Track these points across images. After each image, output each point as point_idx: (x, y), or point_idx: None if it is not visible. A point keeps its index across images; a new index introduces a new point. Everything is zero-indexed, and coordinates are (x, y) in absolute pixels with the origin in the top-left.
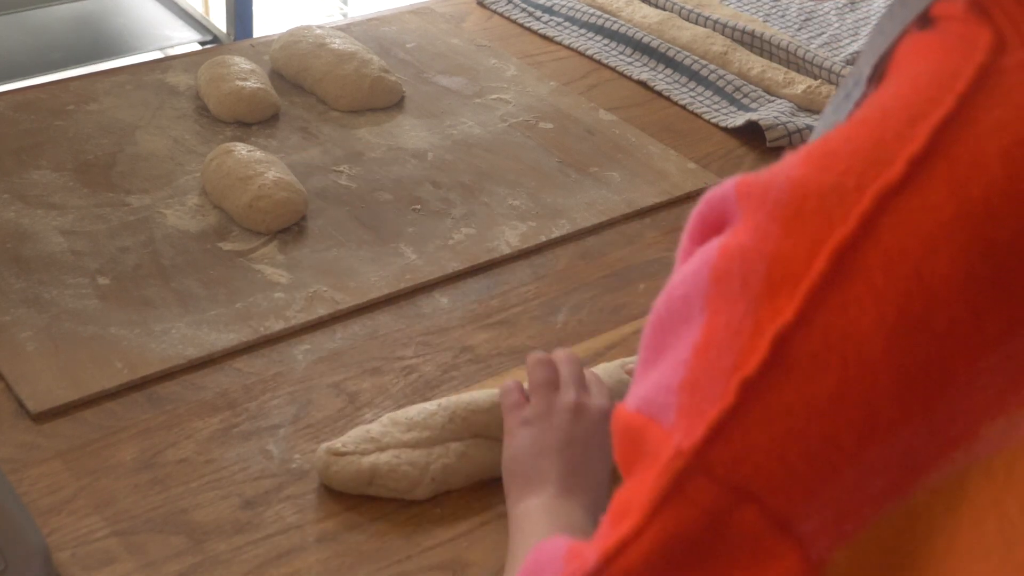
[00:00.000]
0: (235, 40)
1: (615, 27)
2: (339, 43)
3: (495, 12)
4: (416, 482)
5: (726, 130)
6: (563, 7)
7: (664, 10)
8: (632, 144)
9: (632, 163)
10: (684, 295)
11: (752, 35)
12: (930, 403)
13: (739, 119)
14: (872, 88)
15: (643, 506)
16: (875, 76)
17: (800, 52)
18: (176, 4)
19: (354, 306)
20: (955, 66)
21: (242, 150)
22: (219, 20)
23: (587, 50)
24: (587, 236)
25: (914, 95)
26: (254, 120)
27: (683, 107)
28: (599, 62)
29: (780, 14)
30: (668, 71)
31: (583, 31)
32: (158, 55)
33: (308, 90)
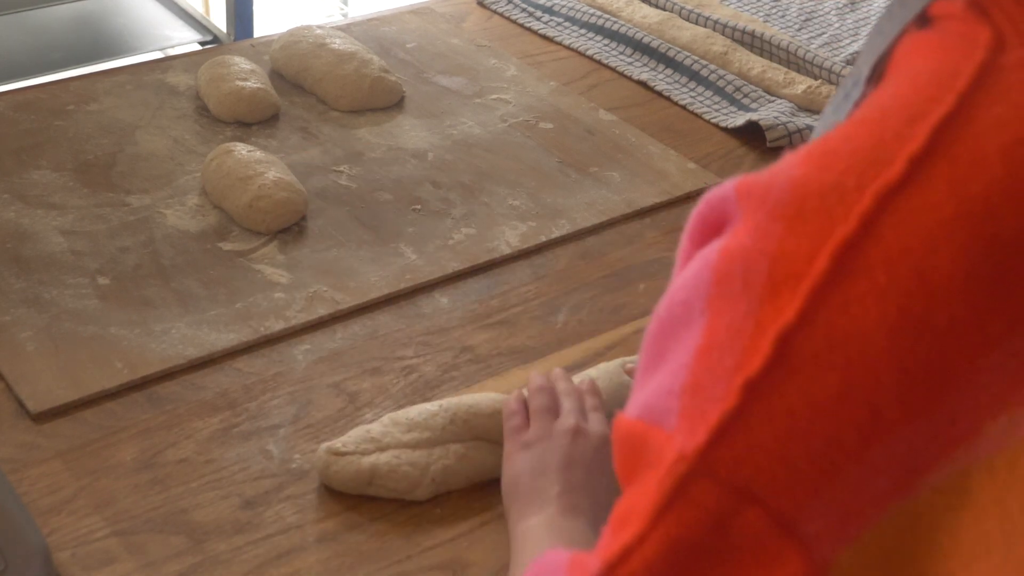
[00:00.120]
0: (235, 40)
1: (615, 27)
2: (339, 43)
3: (495, 12)
4: (416, 483)
5: (726, 130)
6: (563, 7)
7: (664, 10)
8: (632, 144)
9: (632, 163)
10: (685, 299)
11: (752, 35)
12: (932, 402)
13: (739, 119)
14: (871, 88)
15: (646, 511)
16: (874, 76)
17: (800, 52)
18: (176, 4)
19: (354, 306)
20: (954, 65)
21: (242, 150)
22: (219, 20)
23: (587, 50)
24: (587, 236)
25: (914, 94)
26: (254, 120)
27: (683, 107)
28: (599, 62)
29: (780, 14)
30: (668, 71)
31: (583, 31)
32: (158, 55)
33: (308, 90)
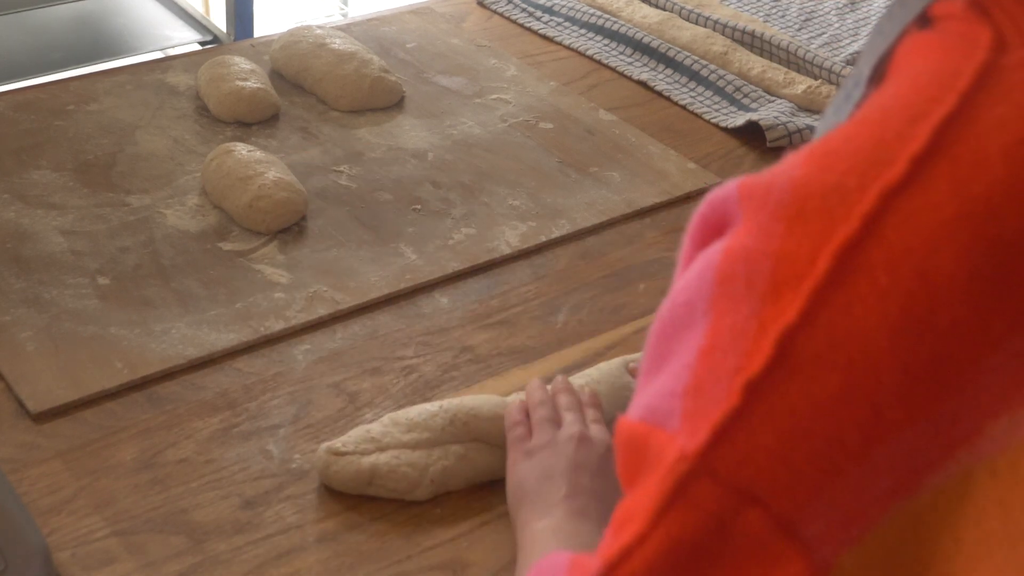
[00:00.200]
0: (235, 40)
1: (615, 27)
2: (339, 43)
3: (495, 12)
4: (415, 483)
5: (726, 130)
6: (563, 7)
7: (664, 10)
8: (632, 144)
9: (632, 163)
10: (687, 300)
11: (752, 35)
12: (934, 402)
13: (739, 119)
14: (872, 89)
15: (647, 511)
16: (875, 77)
17: (800, 52)
18: (176, 4)
19: (354, 306)
20: (955, 65)
21: (242, 150)
22: (219, 20)
23: (587, 50)
24: (587, 236)
25: (915, 94)
26: (254, 120)
27: (683, 107)
28: (599, 62)
29: (780, 14)
30: (668, 71)
31: (583, 31)
32: (158, 55)
33: (308, 90)
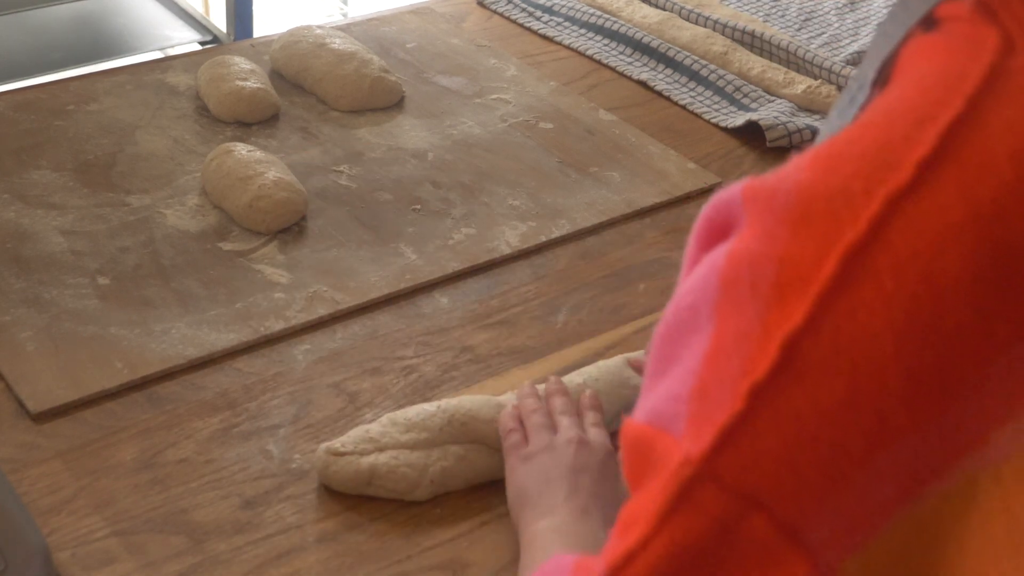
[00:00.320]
0: (235, 40)
1: (615, 27)
2: (339, 43)
3: (495, 12)
4: (415, 484)
5: (726, 130)
6: (563, 7)
7: (664, 10)
8: (632, 144)
9: (632, 163)
10: (692, 304)
11: (752, 35)
12: (939, 408)
13: (739, 119)
14: (877, 91)
15: (651, 515)
16: (880, 79)
17: (800, 52)
18: (176, 4)
19: (354, 306)
20: (962, 67)
21: (242, 150)
22: (219, 20)
23: (587, 50)
24: (587, 236)
25: (920, 97)
26: (254, 120)
27: (683, 107)
28: (599, 62)
29: (780, 14)
30: (668, 71)
31: (583, 31)
32: (158, 55)
33: (308, 90)
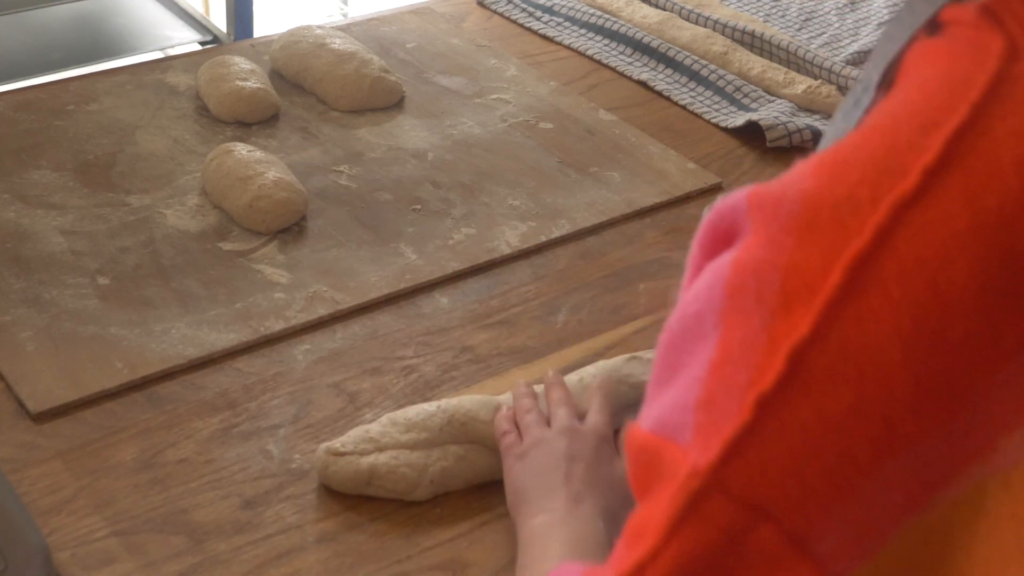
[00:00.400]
0: (235, 40)
1: (615, 27)
2: (339, 43)
3: (495, 12)
4: (415, 484)
5: (726, 130)
6: (563, 7)
7: (664, 10)
8: (632, 144)
9: (632, 163)
10: (697, 312)
11: (752, 35)
12: (947, 416)
13: (739, 119)
14: (881, 95)
15: (659, 527)
16: (884, 82)
17: (800, 52)
18: (176, 4)
19: (354, 306)
20: (966, 73)
21: (242, 150)
22: (219, 20)
23: (587, 50)
24: (587, 236)
25: (925, 103)
26: (254, 120)
27: (683, 107)
28: (599, 62)
29: (780, 14)
30: (668, 71)
31: (583, 31)
32: (158, 55)
33: (308, 90)
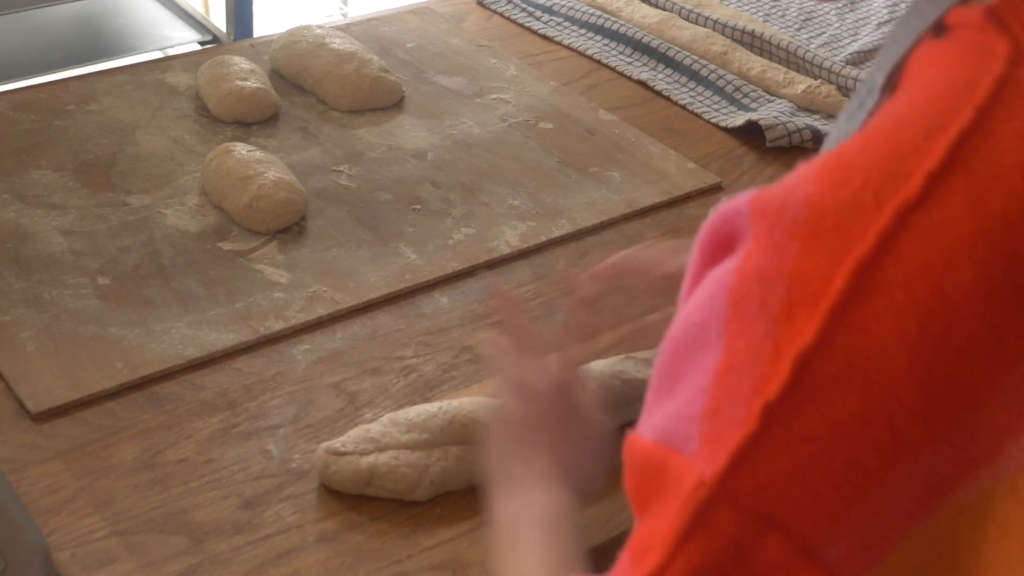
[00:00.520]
0: (235, 40)
1: (615, 27)
2: (339, 43)
3: (495, 12)
4: (415, 484)
5: (726, 130)
6: (563, 7)
7: (664, 10)
8: (632, 144)
9: (632, 163)
10: (700, 322)
11: (752, 35)
12: (953, 421)
13: (739, 119)
14: (886, 97)
15: (667, 540)
16: (889, 85)
17: (800, 52)
18: (176, 4)
19: (354, 306)
20: (971, 76)
21: (242, 150)
22: (219, 20)
23: (587, 50)
24: (587, 236)
25: (929, 106)
26: (254, 120)
27: (683, 107)
28: (599, 62)
29: (780, 14)
30: (668, 71)
31: (583, 31)
32: (158, 55)
33: (308, 90)
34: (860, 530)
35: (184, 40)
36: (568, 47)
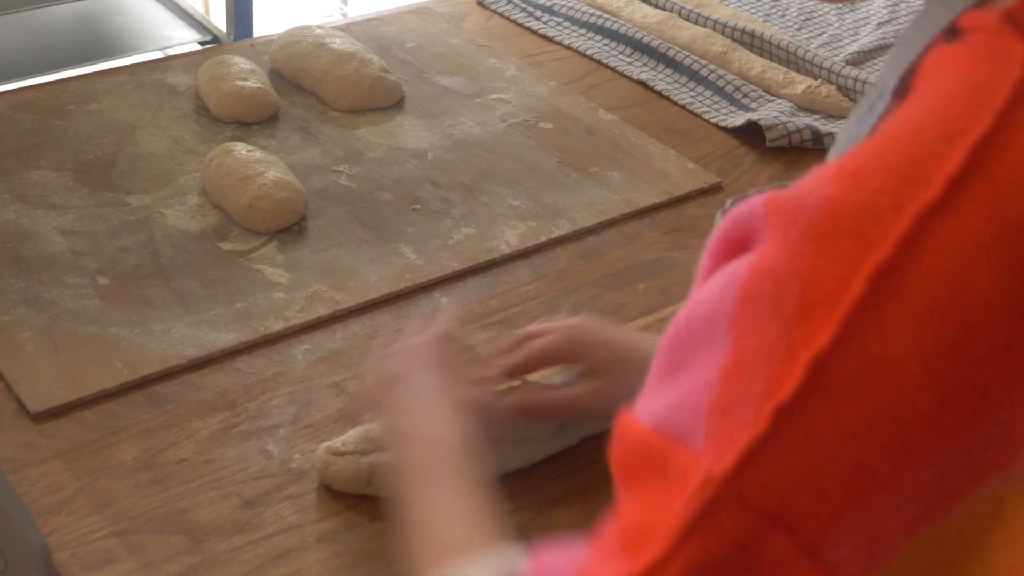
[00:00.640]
0: (235, 40)
1: (615, 27)
2: (339, 43)
3: (495, 12)
4: None
5: (726, 130)
6: (563, 7)
7: (664, 10)
8: (632, 144)
9: (632, 163)
10: (708, 313)
11: (752, 35)
12: (967, 428)
13: (739, 119)
14: (897, 101)
15: (671, 533)
16: (901, 88)
17: (800, 52)
18: (176, 4)
19: (354, 306)
20: (989, 80)
21: (242, 150)
22: (219, 20)
23: (587, 50)
24: (587, 236)
25: (947, 110)
26: (254, 120)
27: (683, 107)
28: (599, 62)
29: (780, 14)
30: (668, 71)
31: (583, 31)
32: (158, 55)
33: (308, 90)
34: (866, 531)
35: (184, 40)
36: (568, 47)
